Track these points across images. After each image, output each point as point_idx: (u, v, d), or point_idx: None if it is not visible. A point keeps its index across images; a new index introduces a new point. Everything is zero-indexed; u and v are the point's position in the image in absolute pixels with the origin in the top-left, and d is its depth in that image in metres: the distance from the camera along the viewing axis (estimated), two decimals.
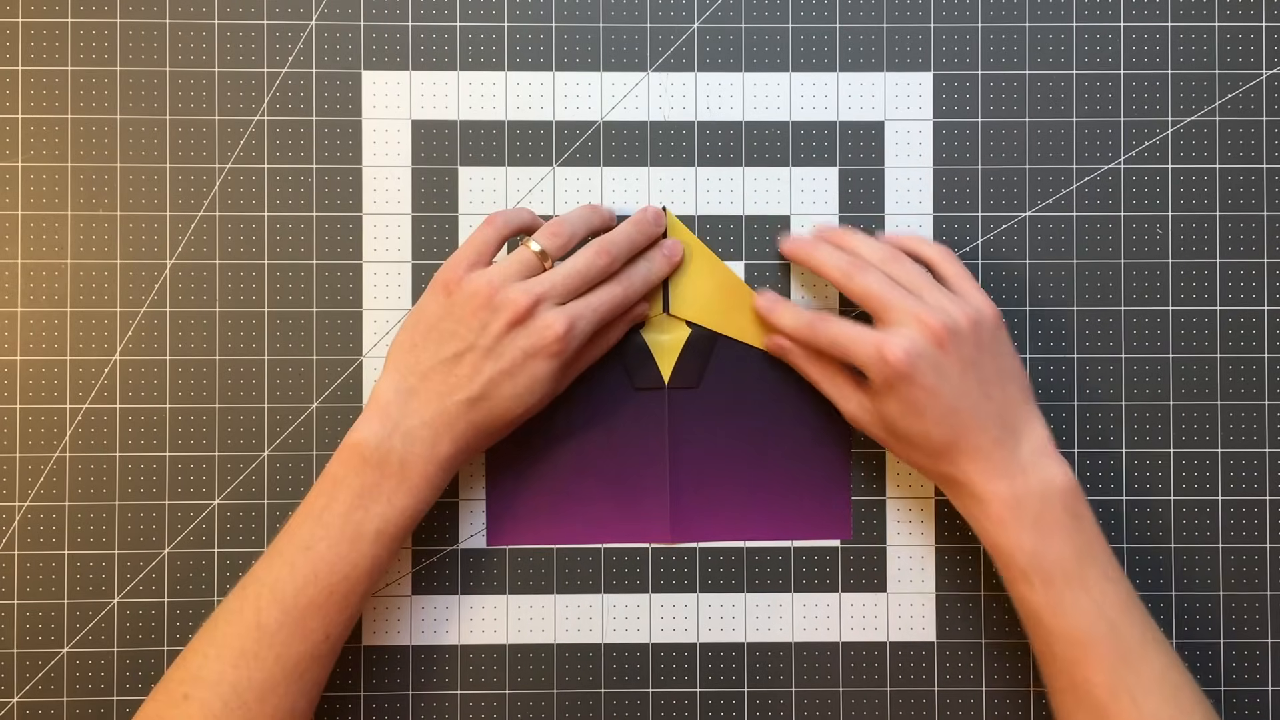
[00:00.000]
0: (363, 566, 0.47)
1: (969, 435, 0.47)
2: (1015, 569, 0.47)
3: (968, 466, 0.48)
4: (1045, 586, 0.46)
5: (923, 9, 0.56)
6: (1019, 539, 0.47)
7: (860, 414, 0.51)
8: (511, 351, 0.48)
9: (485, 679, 0.55)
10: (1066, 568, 0.46)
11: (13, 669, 0.54)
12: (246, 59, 0.55)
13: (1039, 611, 0.47)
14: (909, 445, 0.49)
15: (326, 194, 0.55)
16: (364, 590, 0.47)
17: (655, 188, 0.56)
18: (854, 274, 0.49)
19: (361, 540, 0.47)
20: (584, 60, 0.56)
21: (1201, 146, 0.56)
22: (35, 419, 0.54)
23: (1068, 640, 0.46)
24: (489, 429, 0.49)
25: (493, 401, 0.48)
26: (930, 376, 0.47)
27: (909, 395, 0.47)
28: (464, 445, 0.49)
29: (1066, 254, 0.56)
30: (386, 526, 0.47)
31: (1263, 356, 0.55)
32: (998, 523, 0.47)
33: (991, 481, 0.47)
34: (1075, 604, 0.46)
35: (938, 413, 0.47)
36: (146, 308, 0.55)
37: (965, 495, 0.49)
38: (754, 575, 0.55)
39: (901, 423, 0.48)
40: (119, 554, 0.54)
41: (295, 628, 0.46)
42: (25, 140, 0.55)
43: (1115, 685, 0.45)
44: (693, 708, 0.55)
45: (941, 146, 0.56)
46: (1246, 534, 0.55)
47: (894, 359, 0.47)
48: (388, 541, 0.47)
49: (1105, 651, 0.45)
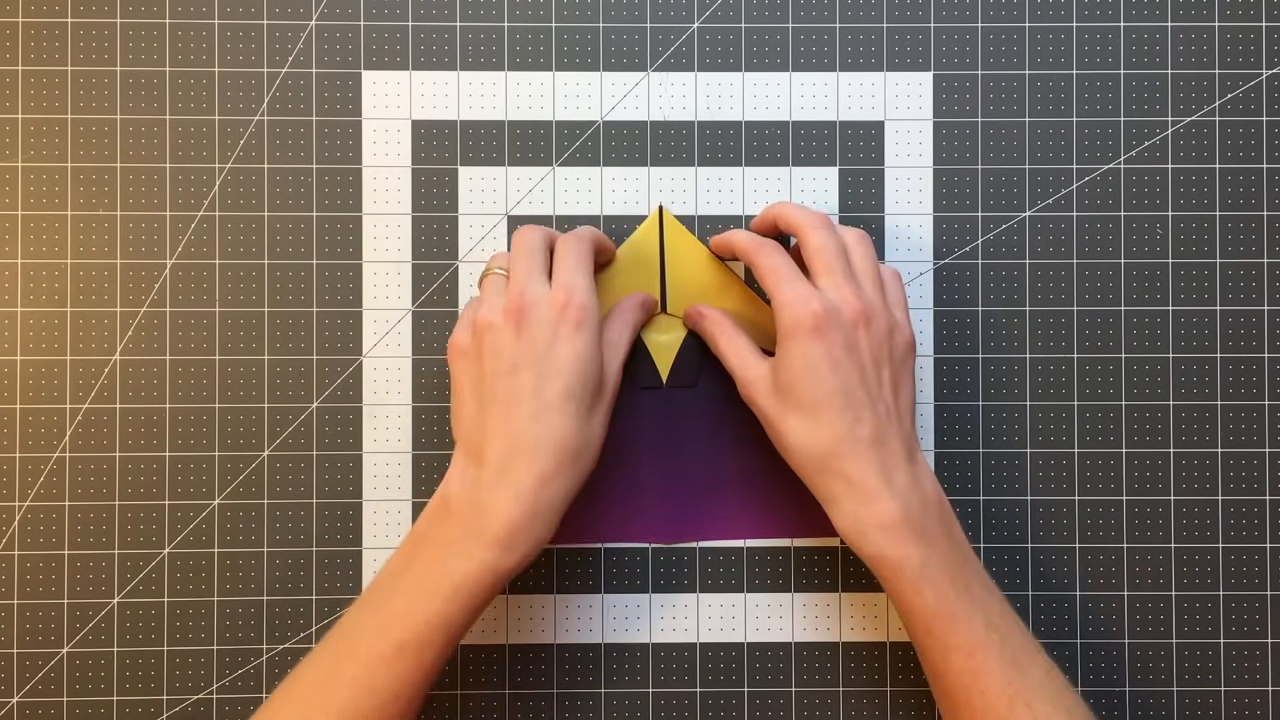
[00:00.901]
0: (435, 624, 0.44)
1: (860, 425, 0.46)
2: (904, 580, 0.45)
3: (854, 465, 0.46)
4: (937, 598, 0.45)
5: (923, 9, 0.56)
6: (908, 548, 0.45)
7: (758, 382, 0.49)
8: (535, 349, 0.45)
9: (485, 679, 0.55)
10: (953, 577, 0.46)
11: (13, 669, 0.54)
12: (246, 59, 0.55)
13: (931, 624, 0.45)
14: (799, 431, 0.47)
15: (326, 194, 0.55)
16: (439, 646, 0.44)
17: (655, 188, 0.56)
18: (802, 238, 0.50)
19: (436, 596, 0.44)
20: (584, 60, 0.56)
21: (1201, 146, 0.56)
22: (35, 419, 0.54)
23: (964, 651, 0.45)
24: (561, 445, 0.45)
25: (552, 410, 0.45)
26: (839, 345, 0.46)
27: (812, 355, 0.46)
28: (543, 473, 0.45)
29: (1066, 254, 0.56)
30: (465, 581, 0.44)
31: (1263, 356, 0.55)
32: (886, 530, 0.45)
33: (879, 485, 0.46)
34: (968, 614, 0.45)
35: (834, 386, 0.46)
36: (146, 308, 0.55)
37: (850, 500, 0.46)
38: (754, 575, 0.55)
39: (798, 388, 0.46)
40: (119, 554, 0.54)
41: (364, 682, 0.44)
42: (25, 140, 0.55)
43: (1012, 694, 0.44)
44: (693, 708, 0.55)
45: (941, 146, 0.56)
46: (1246, 534, 0.55)
47: (817, 306, 0.46)
48: (466, 597, 0.44)
49: (999, 660, 0.45)
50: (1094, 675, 0.55)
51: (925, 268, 0.56)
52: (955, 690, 0.46)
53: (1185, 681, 0.55)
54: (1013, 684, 0.45)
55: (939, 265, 0.56)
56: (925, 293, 0.56)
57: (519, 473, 0.45)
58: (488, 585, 0.44)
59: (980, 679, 0.45)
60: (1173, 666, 0.55)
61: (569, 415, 0.45)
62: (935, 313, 0.56)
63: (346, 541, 0.55)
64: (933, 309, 0.56)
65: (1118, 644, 0.55)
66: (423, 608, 0.44)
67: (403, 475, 0.55)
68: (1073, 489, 0.55)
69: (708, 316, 0.52)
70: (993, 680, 0.45)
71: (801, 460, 0.47)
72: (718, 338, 0.52)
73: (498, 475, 0.45)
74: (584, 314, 0.46)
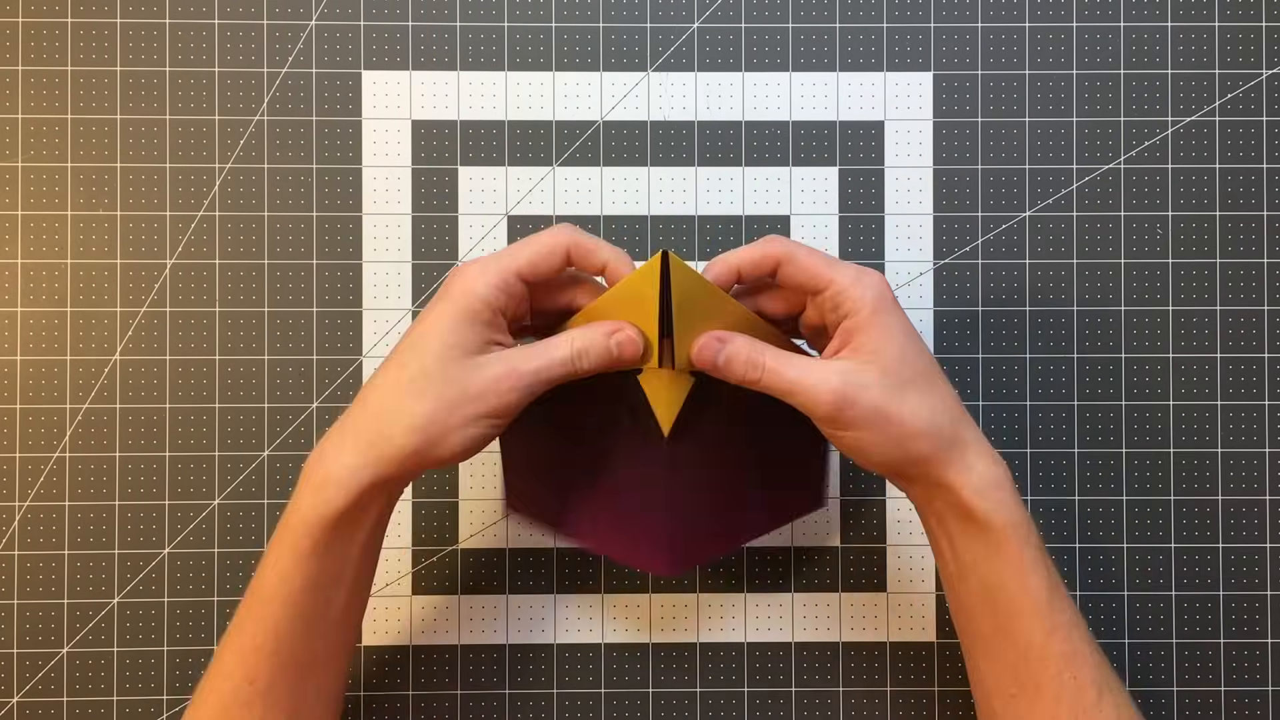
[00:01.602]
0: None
1: (942, 385, 0.45)
2: (1031, 549, 0.44)
3: (973, 429, 0.44)
4: (1049, 571, 0.44)
5: (923, 9, 0.56)
6: (1027, 514, 0.44)
7: (849, 376, 0.43)
8: (416, 325, 0.45)
9: (485, 679, 0.55)
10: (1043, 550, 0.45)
11: (13, 669, 0.54)
12: (246, 59, 0.55)
13: (1045, 601, 0.44)
14: (923, 405, 0.43)
15: (326, 194, 0.55)
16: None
17: (655, 188, 0.56)
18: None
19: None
20: (584, 60, 0.56)
21: (1201, 146, 0.56)
22: (35, 419, 0.54)
23: (1064, 633, 0.44)
24: (378, 412, 0.44)
25: (383, 377, 0.44)
26: (902, 312, 0.45)
27: (905, 325, 0.44)
28: (342, 431, 0.44)
29: (1066, 254, 0.56)
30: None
31: (1263, 356, 0.55)
32: (1015, 494, 0.44)
33: (983, 448, 0.44)
34: (1066, 593, 0.45)
35: (928, 352, 0.45)
36: (146, 308, 0.55)
37: (982, 463, 0.44)
38: (754, 575, 0.55)
39: (908, 359, 0.43)
40: (119, 554, 0.54)
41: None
42: (25, 140, 0.55)
43: (1101, 683, 0.44)
44: (693, 708, 0.55)
45: (941, 146, 0.56)
46: (1246, 534, 0.55)
47: (883, 279, 0.44)
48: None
49: (1090, 646, 0.44)
50: None
51: (925, 268, 0.56)
52: (1047, 677, 0.43)
53: (1185, 681, 0.55)
54: (1101, 671, 0.44)
55: (939, 265, 0.56)
56: (925, 293, 0.56)
57: (337, 426, 0.45)
58: (298, 533, 0.44)
59: (1075, 663, 0.43)
60: (1173, 666, 0.55)
61: (395, 382, 0.44)
62: (935, 313, 0.56)
63: None
64: (933, 309, 0.56)
65: (1118, 644, 0.55)
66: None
67: None
68: (1073, 489, 0.55)
69: (732, 343, 0.44)
70: (1086, 665, 0.43)
71: (933, 443, 0.43)
72: (760, 358, 0.44)
73: (334, 424, 0.45)
74: (455, 293, 0.44)
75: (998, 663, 0.45)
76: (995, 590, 0.44)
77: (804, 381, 0.43)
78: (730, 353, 0.44)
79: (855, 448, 0.44)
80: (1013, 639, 0.44)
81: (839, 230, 0.56)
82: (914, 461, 0.44)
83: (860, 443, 0.43)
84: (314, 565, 0.44)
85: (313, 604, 0.44)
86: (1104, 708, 0.43)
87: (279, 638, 0.44)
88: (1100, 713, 0.43)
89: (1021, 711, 0.44)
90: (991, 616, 0.44)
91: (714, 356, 0.44)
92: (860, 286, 0.44)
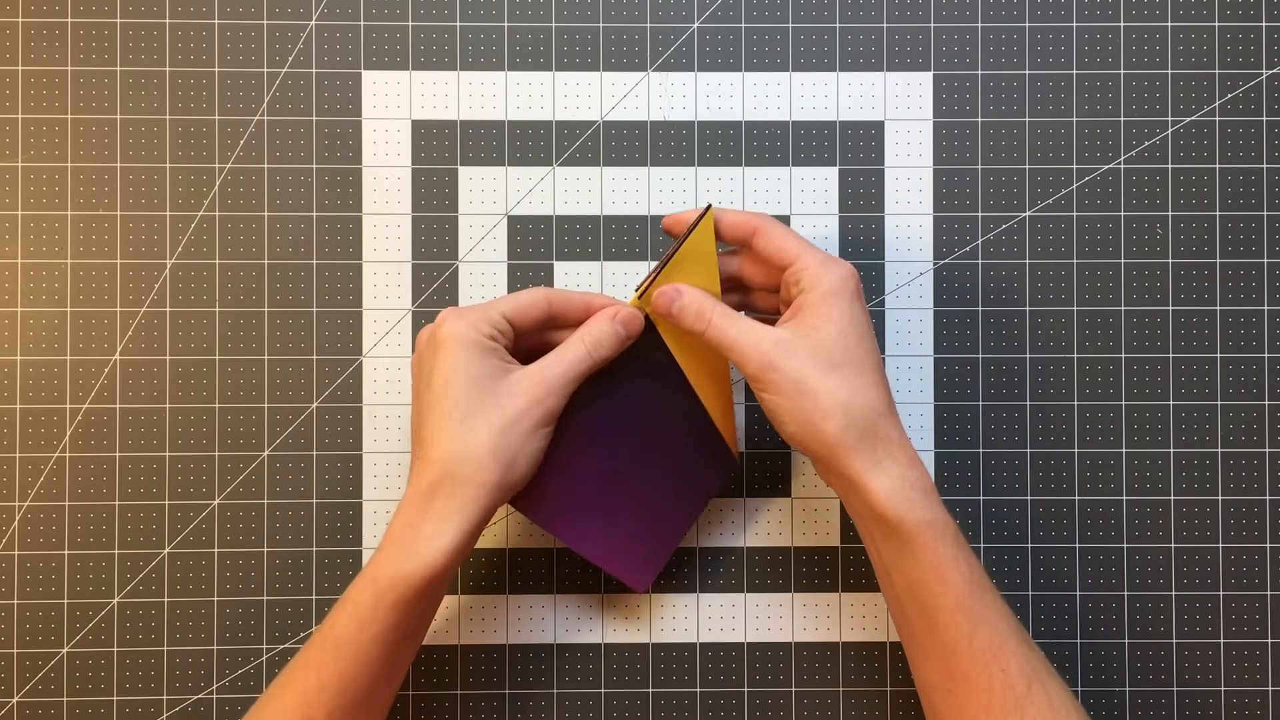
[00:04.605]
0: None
1: (872, 377, 0.46)
2: (946, 547, 0.44)
3: (895, 428, 0.46)
4: (970, 567, 0.45)
5: (923, 9, 0.56)
6: (945, 514, 0.45)
7: (783, 346, 0.45)
8: (422, 372, 0.48)
9: (485, 679, 0.55)
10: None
11: (13, 669, 0.54)
12: (246, 59, 0.55)
13: (965, 597, 0.44)
14: (842, 390, 0.45)
15: (326, 194, 0.55)
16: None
17: (655, 188, 0.56)
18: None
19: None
20: (584, 60, 0.56)
21: (1201, 146, 0.56)
22: (35, 419, 0.54)
23: (991, 626, 0.44)
24: (441, 452, 0.45)
25: (430, 418, 0.46)
26: (866, 311, 0.47)
27: (857, 315, 0.46)
28: (422, 477, 0.46)
29: (1066, 254, 0.56)
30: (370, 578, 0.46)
31: (1263, 356, 0.55)
32: (928, 494, 0.45)
33: (912, 450, 0.46)
34: (991, 587, 0.45)
35: (873, 346, 0.46)
36: (146, 308, 0.55)
37: (895, 463, 0.45)
38: (754, 575, 0.55)
39: (843, 344, 0.45)
40: (119, 554, 0.54)
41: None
42: (25, 140, 0.55)
43: (1030, 673, 0.44)
44: (693, 708, 0.55)
45: (941, 146, 0.56)
46: (1246, 534, 0.55)
47: (853, 271, 0.47)
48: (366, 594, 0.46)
49: (1017, 637, 0.45)
50: (1094, 675, 0.55)
51: (925, 268, 0.56)
52: (975, 671, 0.44)
53: (1185, 681, 0.55)
54: (1030, 662, 0.44)
55: (939, 265, 0.56)
56: (925, 293, 0.56)
57: (415, 489, 0.46)
58: (384, 586, 0.45)
59: (1002, 656, 0.44)
60: (1173, 666, 0.55)
61: (446, 423, 0.46)
62: (935, 313, 0.56)
63: (346, 541, 0.55)
64: (933, 309, 0.56)
65: (1118, 644, 0.55)
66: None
67: (403, 476, 0.55)
68: (1073, 489, 0.55)
69: (688, 294, 0.48)
70: (1013, 658, 0.44)
71: (842, 425, 0.45)
72: (709, 313, 0.47)
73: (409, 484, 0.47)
74: (443, 337, 0.46)
75: (932, 658, 0.46)
76: (917, 587, 0.45)
77: (741, 339, 0.46)
78: (684, 303, 0.48)
79: (771, 411, 0.46)
80: (939, 635, 0.45)
81: (839, 230, 0.56)
82: (823, 442, 0.45)
83: (776, 408, 0.46)
84: (395, 619, 0.45)
85: (385, 656, 0.45)
86: (1034, 698, 0.44)
87: (344, 681, 0.45)
88: (1031, 704, 0.43)
89: (958, 707, 0.45)
90: (919, 613, 0.45)
91: (669, 304, 0.48)
92: (824, 269, 0.46)
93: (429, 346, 0.47)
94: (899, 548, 0.45)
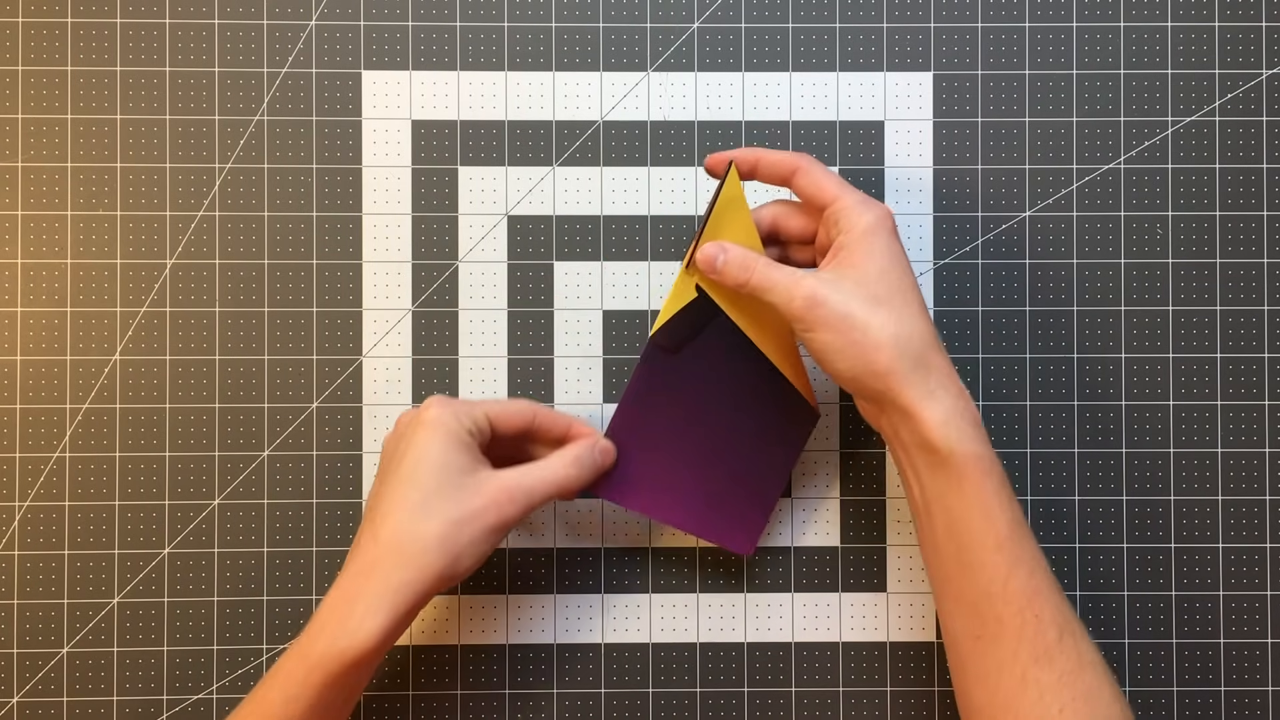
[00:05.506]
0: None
1: (917, 309, 0.46)
2: (993, 482, 0.44)
3: (943, 358, 0.46)
4: (1012, 506, 0.45)
5: (923, 9, 0.56)
6: (990, 448, 0.45)
7: (826, 285, 0.45)
8: (393, 452, 0.48)
9: (485, 679, 0.55)
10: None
11: (13, 669, 0.54)
12: (246, 59, 0.55)
13: (1007, 536, 0.44)
14: (891, 323, 0.45)
15: (326, 194, 0.55)
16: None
17: (655, 188, 0.56)
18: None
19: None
20: (584, 60, 0.56)
21: (1201, 146, 0.56)
22: (35, 419, 0.54)
23: (1028, 569, 0.44)
24: (391, 537, 0.46)
25: (387, 503, 0.46)
26: (899, 242, 0.47)
27: (896, 250, 0.46)
28: (363, 561, 0.46)
29: (1066, 254, 0.56)
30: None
31: (1263, 356, 0.56)
32: (978, 427, 0.45)
33: (959, 380, 0.46)
34: (1029, 530, 0.45)
35: (913, 280, 0.47)
36: (146, 308, 0.55)
37: (946, 394, 0.45)
38: (754, 575, 0.55)
39: (888, 279, 0.46)
40: (119, 554, 0.54)
41: None
42: (25, 140, 0.55)
43: (1062, 623, 0.44)
44: (693, 708, 0.55)
45: (941, 146, 0.56)
46: (1246, 534, 0.55)
47: (882, 208, 0.47)
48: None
49: (1052, 584, 0.45)
50: None
51: (925, 268, 0.56)
52: (1009, 614, 0.43)
53: (1185, 681, 0.55)
54: (1063, 611, 0.44)
55: (939, 265, 0.56)
56: (925, 293, 0.56)
57: (356, 565, 0.46)
58: (314, 663, 0.45)
59: (1036, 602, 0.43)
60: (1173, 666, 0.55)
61: (403, 503, 0.46)
62: (935, 313, 0.56)
63: (346, 541, 0.55)
64: (933, 309, 0.56)
65: (1118, 644, 0.55)
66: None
67: None
68: (1073, 489, 0.55)
69: (731, 250, 0.48)
70: (1047, 604, 0.44)
71: (894, 355, 0.44)
72: (753, 262, 0.47)
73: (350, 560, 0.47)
74: (426, 419, 0.47)
75: (963, 602, 0.45)
76: (958, 524, 0.45)
77: (784, 281, 0.46)
78: (728, 257, 0.48)
79: (820, 351, 0.46)
80: (974, 575, 0.44)
81: None
82: (876, 374, 0.45)
83: (826, 346, 0.45)
84: (322, 696, 0.45)
85: None
86: (1064, 648, 0.43)
87: None
88: (1061, 654, 0.43)
89: (986, 653, 0.44)
90: (956, 552, 0.45)
91: (713, 261, 0.48)
92: (862, 207, 0.47)
93: (410, 425, 0.48)
94: (946, 480, 0.44)
